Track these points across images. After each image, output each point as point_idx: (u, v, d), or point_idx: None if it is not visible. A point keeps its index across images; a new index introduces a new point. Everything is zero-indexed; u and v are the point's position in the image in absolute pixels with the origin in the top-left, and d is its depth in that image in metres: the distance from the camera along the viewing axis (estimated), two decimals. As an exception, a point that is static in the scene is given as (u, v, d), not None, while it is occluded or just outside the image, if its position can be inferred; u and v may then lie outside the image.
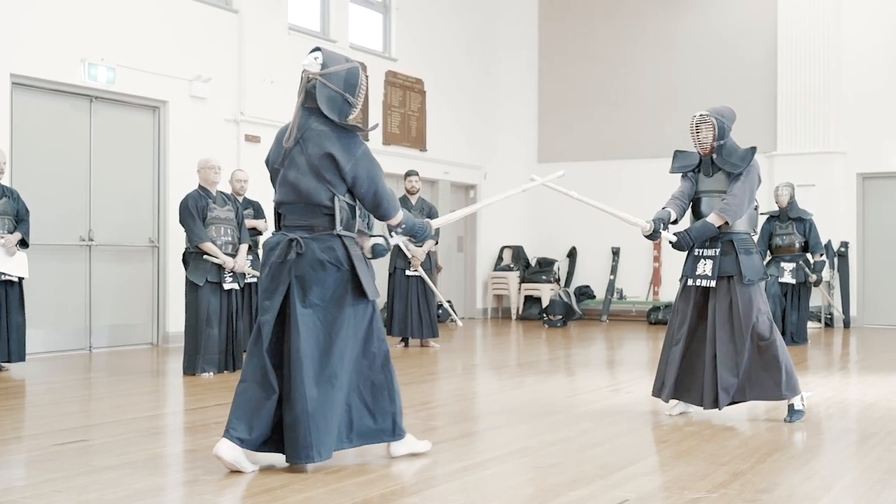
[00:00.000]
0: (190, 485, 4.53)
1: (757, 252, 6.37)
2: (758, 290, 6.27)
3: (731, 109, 6.48)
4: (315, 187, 4.68)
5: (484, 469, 4.90)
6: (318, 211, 4.72)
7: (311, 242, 4.68)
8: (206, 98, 11.64)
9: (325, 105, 4.73)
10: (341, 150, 4.70)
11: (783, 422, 6.18)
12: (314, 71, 4.75)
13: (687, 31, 16.17)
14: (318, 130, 4.72)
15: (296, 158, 4.74)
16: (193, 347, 8.54)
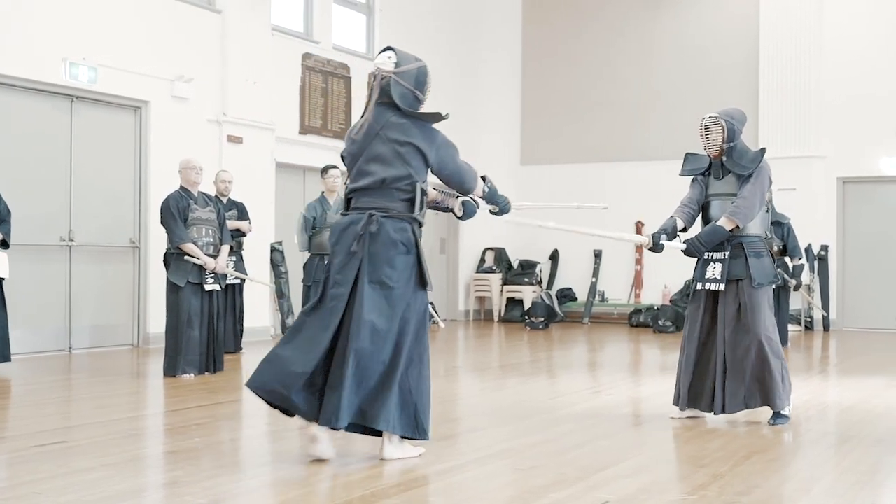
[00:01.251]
0: (170, 486, 4.52)
1: (768, 255, 6.29)
2: (766, 295, 6.20)
3: (741, 111, 6.42)
4: (398, 174, 4.95)
5: (464, 471, 4.90)
6: (395, 195, 4.96)
7: (386, 221, 4.92)
8: (189, 98, 11.60)
9: (399, 100, 5.04)
10: (423, 139, 5.03)
11: (767, 424, 6.20)
12: (388, 69, 5.08)
13: (669, 35, 16.22)
14: (397, 122, 5.02)
15: (377, 148, 5.00)
16: (174, 349, 8.51)
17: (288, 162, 13.19)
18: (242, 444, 5.81)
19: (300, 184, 13.71)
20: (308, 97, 13.62)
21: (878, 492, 4.56)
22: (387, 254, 4.90)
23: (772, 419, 6.21)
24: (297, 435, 5.97)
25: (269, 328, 12.66)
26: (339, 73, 14.12)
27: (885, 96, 14.91)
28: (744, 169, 6.22)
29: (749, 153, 6.27)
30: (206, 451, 5.31)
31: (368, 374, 4.85)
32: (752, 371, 6.12)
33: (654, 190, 16.09)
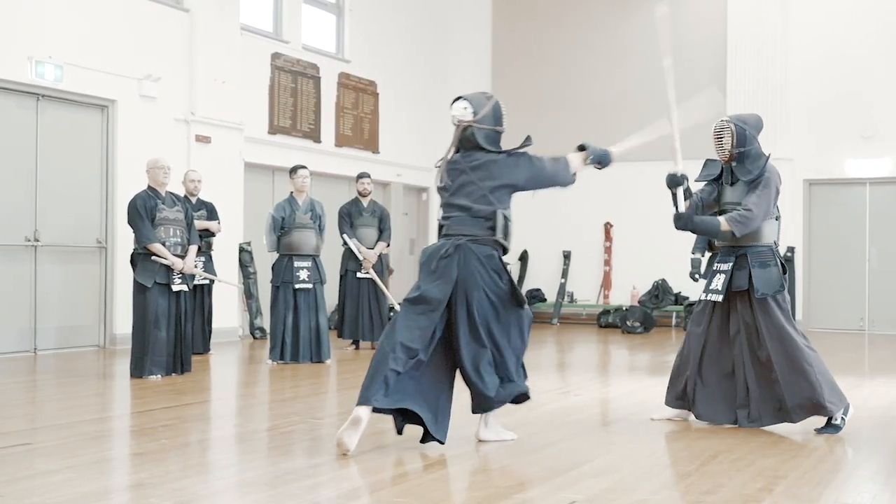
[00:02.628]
0: (136, 488, 4.49)
1: (776, 265, 6.08)
2: (779, 304, 6.03)
3: (756, 117, 6.30)
4: (484, 208, 5.52)
5: (431, 472, 4.91)
6: (481, 223, 5.51)
7: (474, 247, 5.46)
8: (156, 97, 11.53)
9: (485, 143, 5.65)
10: (509, 175, 5.63)
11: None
12: (468, 119, 5.65)
13: (638, 37, 16.30)
14: (484, 162, 5.61)
15: (466, 187, 5.60)
16: (141, 349, 8.46)
17: (257, 162, 13.14)
18: (210, 446, 5.78)
19: (269, 184, 13.66)
20: (277, 97, 13.58)
21: (840, 490, 4.61)
22: (476, 278, 5.41)
23: (819, 427, 6.02)
24: (267, 436, 5.96)
25: (238, 329, 12.61)
26: (308, 74, 14.08)
27: (850, 100, 15.07)
28: (748, 173, 6.07)
29: (760, 160, 6.10)
30: (172, 453, 5.28)
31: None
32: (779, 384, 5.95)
33: (623, 191, 16.20)
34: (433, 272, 5.46)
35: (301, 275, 10.00)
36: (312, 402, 7.44)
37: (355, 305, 11.29)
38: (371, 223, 11.43)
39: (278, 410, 7.07)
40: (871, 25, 15.01)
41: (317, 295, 10.08)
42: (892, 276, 15.08)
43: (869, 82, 14.95)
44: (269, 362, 9.88)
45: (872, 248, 15.26)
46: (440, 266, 5.44)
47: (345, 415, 6.76)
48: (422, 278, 5.53)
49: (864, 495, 4.57)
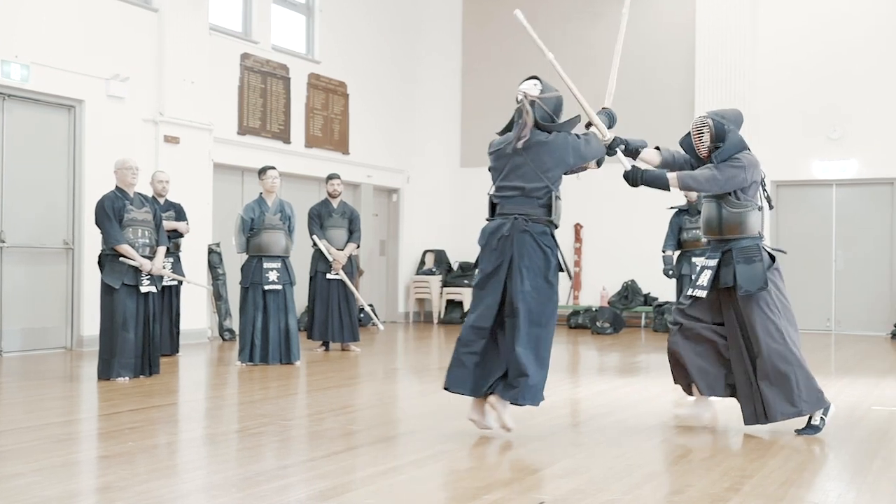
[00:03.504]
0: (103, 491, 4.46)
1: (761, 260, 6.05)
2: (765, 300, 6.02)
3: (735, 111, 6.30)
4: (537, 186, 5.79)
5: (400, 473, 4.91)
6: (535, 202, 5.80)
7: (529, 225, 5.77)
8: (124, 97, 11.45)
9: (540, 120, 5.89)
10: (562, 153, 5.85)
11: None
12: (534, 94, 5.99)
13: (608, 42, 16.36)
14: (536, 142, 5.83)
15: (520, 168, 5.85)
16: (109, 351, 8.39)
17: (226, 163, 13.08)
18: (178, 448, 5.75)
19: (238, 185, 13.60)
20: (246, 98, 13.52)
21: (807, 488, 4.65)
22: (531, 253, 5.74)
23: (799, 429, 6.04)
24: (236, 438, 5.94)
25: (207, 330, 12.54)
26: (278, 74, 14.04)
27: (817, 103, 15.21)
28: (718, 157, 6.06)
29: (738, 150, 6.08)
30: (140, 455, 5.25)
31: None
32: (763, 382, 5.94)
33: (593, 192, 16.24)
34: (493, 251, 5.84)
35: (270, 276, 9.96)
36: (282, 404, 7.42)
37: (325, 307, 11.26)
38: (341, 224, 11.41)
39: (247, 412, 7.04)
40: (839, 30, 15.15)
41: (286, 296, 10.05)
42: (858, 277, 15.24)
43: (836, 85, 15.09)
44: (238, 364, 9.84)
45: (839, 250, 15.41)
46: (499, 245, 5.81)
47: (314, 416, 6.76)
48: (482, 259, 5.93)
49: (829, 494, 4.62)
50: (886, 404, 7.48)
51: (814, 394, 5.99)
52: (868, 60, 14.93)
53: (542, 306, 5.80)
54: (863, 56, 14.97)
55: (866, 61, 14.94)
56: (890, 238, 15.00)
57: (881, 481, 4.80)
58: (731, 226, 6.14)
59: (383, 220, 16.83)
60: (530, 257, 5.75)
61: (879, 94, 14.85)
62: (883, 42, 14.87)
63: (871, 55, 14.92)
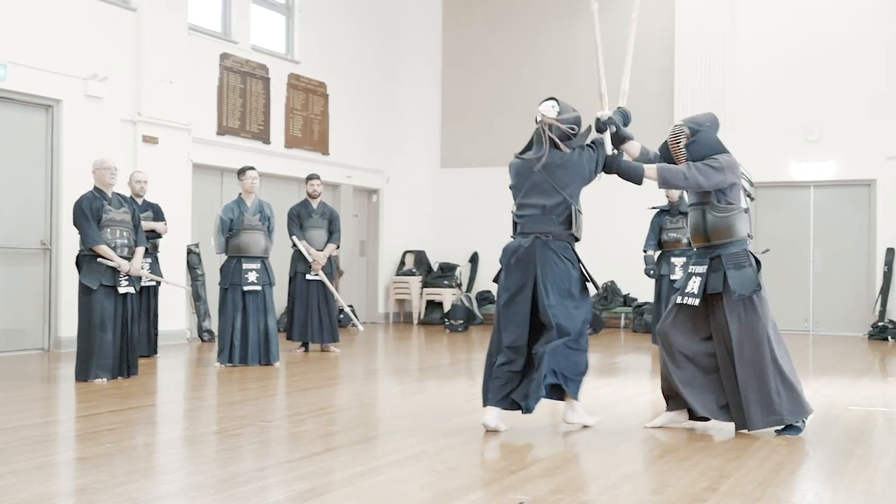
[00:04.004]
0: (80, 493, 4.44)
1: (750, 264, 6.04)
2: (754, 306, 6.02)
3: (709, 115, 6.34)
4: (557, 203, 6.01)
5: (380, 474, 4.90)
6: (555, 219, 6.03)
7: (550, 242, 6.01)
8: (102, 97, 11.38)
9: (559, 140, 6.07)
10: (580, 169, 6.07)
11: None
12: (552, 116, 6.13)
13: (587, 42, 16.42)
14: (554, 161, 6.04)
15: (539, 182, 6.06)
16: (86, 352, 8.35)
17: (205, 163, 13.03)
18: (156, 449, 5.73)
19: (217, 185, 13.56)
20: (226, 98, 13.48)
21: (783, 488, 4.68)
22: (555, 269, 5.99)
23: (779, 429, 6.05)
24: (215, 439, 5.92)
25: (185, 331, 12.49)
26: (257, 74, 14.00)
27: (795, 104, 15.29)
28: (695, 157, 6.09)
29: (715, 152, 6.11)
30: (118, 457, 5.22)
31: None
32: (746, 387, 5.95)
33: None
34: (517, 269, 6.05)
35: (250, 277, 9.94)
36: (261, 405, 7.40)
37: (305, 308, 11.24)
38: (321, 225, 11.39)
39: (226, 413, 7.02)
40: (817, 32, 15.24)
41: (266, 297, 10.02)
42: (835, 277, 15.34)
43: (814, 87, 15.17)
44: (217, 365, 9.81)
45: (816, 251, 15.50)
46: (521, 263, 6.03)
47: (294, 417, 6.75)
48: (506, 277, 6.13)
49: (807, 494, 4.65)
50: (863, 404, 7.53)
51: (796, 403, 5.99)
52: (845, 63, 15.03)
53: (570, 320, 6.00)
54: (840, 58, 15.06)
55: (844, 64, 15.04)
56: (867, 239, 15.11)
57: (857, 481, 4.84)
58: (719, 231, 6.13)
59: (363, 221, 16.81)
60: (553, 272, 5.98)
61: (857, 96, 14.94)
62: (860, 44, 14.97)
63: (848, 57, 15.01)
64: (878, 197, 14.91)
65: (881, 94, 14.79)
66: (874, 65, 14.87)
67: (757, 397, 5.95)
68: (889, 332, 14.14)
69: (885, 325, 14.25)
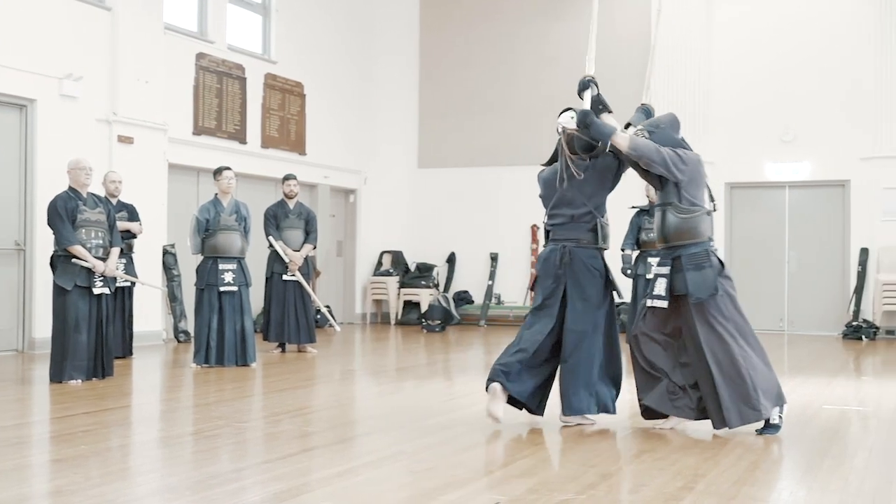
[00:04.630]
0: (55, 495, 4.41)
1: (710, 266, 6.01)
2: (716, 307, 5.99)
3: (671, 116, 6.43)
4: (584, 212, 6.29)
5: (357, 475, 4.90)
6: (583, 227, 6.31)
7: (578, 251, 6.29)
8: (77, 97, 11.31)
9: (580, 151, 6.33)
10: (602, 176, 6.33)
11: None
12: (572, 127, 6.28)
13: (563, 42, 16.47)
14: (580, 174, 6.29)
15: (567, 194, 6.33)
16: (61, 354, 8.29)
17: (181, 163, 12.97)
18: (132, 451, 5.70)
19: (193, 185, 13.50)
20: (202, 98, 13.42)
21: (759, 487, 4.71)
22: (584, 278, 6.26)
23: (759, 429, 6.06)
24: (191, 440, 5.90)
25: (161, 332, 12.43)
26: (234, 74, 13.95)
27: (770, 106, 15.40)
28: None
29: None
30: (93, 459, 5.19)
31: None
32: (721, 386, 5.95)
33: (549, 194, 16.34)
34: (549, 276, 6.34)
35: (226, 277, 9.90)
36: (237, 406, 7.37)
37: (281, 308, 11.21)
38: (297, 225, 11.36)
39: (202, 414, 6.99)
40: (792, 34, 15.35)
41: (242, 298, 9.99)
42: (810, 277, 15.44)
43: (788, 88, 15.28)
44: (193, 366, 9.77)
45: (791, 251, 15.60)
46: (553, 270, 6.31)
47: (270, 418, 6.73)
48: (540, 284, 6.43)
49: (782, 493, 4.68)
50: (837, 403, 7.59)
51: (770, 396, 6.02)
52: (820, 65, 15.14)
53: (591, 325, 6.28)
54: (816, 61, 15.17)
55: (819, 66, 15.15)
56: (842, 239, 15.22)
57: (832, 479, 4.87)
58: (680, 232, 6.13)
59: (340, 221, 16.78)
60: (580, 281, 6.25)
61: (831, 98, 15.06)
62: (835, 48, 15.08)
63: (823, 60, 15.13)
64: (852, 197, 15.03)
65: (855, 97, 14.92)
66: (848, 68, 14.99)
67: (732, 395, 5.96)
68: (863, 331, 14.25)
69: (859, 325, 14.37)
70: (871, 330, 14.27)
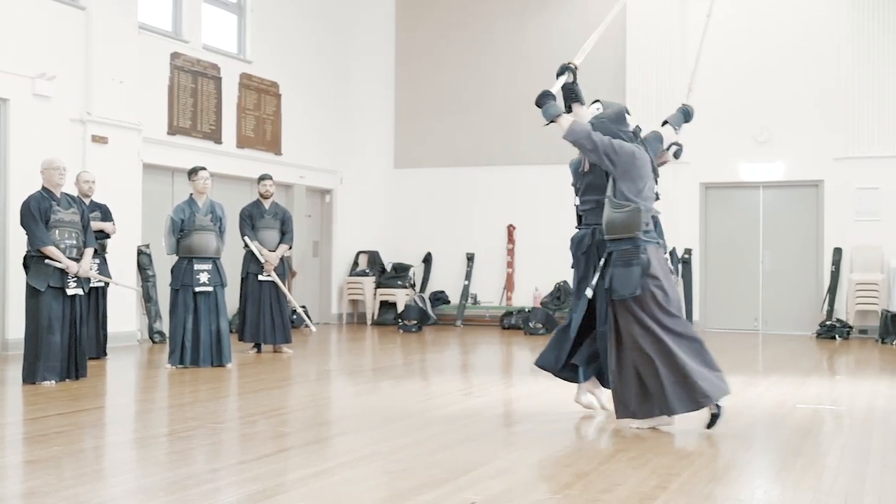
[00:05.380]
0: (28, 497, 4.37)
1: (637, 264, 6.02)
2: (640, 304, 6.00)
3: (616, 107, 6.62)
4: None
5: (333, 475, 4.89)
6: None
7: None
8: (51, 97, 11.22)
9: None
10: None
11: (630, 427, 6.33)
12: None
13: (539, 42, 16.50)
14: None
15: (592, 180, 6.68)
16: (34, 354, 8.23)
17: (156, 163, 12.89)
18: (105, 452, 5.66)
19: (168, 185, 13.43)
20: (177, 97, 13.35)
21: (733, 486, 4.74)
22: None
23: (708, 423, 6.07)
24: (165, 441, 5.87)
25: (136, 333, 12.36)
26: (209, 74, 13.89)
27: (744, 107, 15.49)
28: None
29: None
30: (66, 460, 5.16)
31: None
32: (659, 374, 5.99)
33: (524, 193, 16.37)
34: (581, 257, 6.70)
35: (201, 277, 9.86)
36: (213, 407, 7.35)
37: (257, 308, 11.18)
38: (273, 225, 11.33)
39: (177, 415, 6.96)
40: (766, 36, 15.44)
41: (217, 298, 9.95)
42: (784, 277, 15.54)
43: (762, 89, 15.37)
44: (168, 366, 9.72)
45: (766, 250, 15.70)
46: (585, 252, 6.67)
47: (246, 418, 6.71)
48: (575, 265, 6.79)
49: (756, 491, 4.71)
50: (811, 402, 7.64)
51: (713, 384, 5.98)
52: (794, 66, 15.24)
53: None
54: (790, 62, 15.27)
55: (793, 67, 15.25)
56: (815, 239, 15.33)
57: (805, 478, 4.91)
58: (614, 226, 6.17)
59: (316, 221, 16.75)
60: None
61: (805, 99, 15.16)
62: (809, 49, 15.19)
63: (797, 61, 15.23)
64: (825, 197, 15.14)
65: (828, 98, 15.03)
66: (822, 69, 15.10)
67: (672, 385, 5.93)
68: (836, 330, 14.36)
69: (832, 324, 14.47)
70: (845, 329, 14.37)
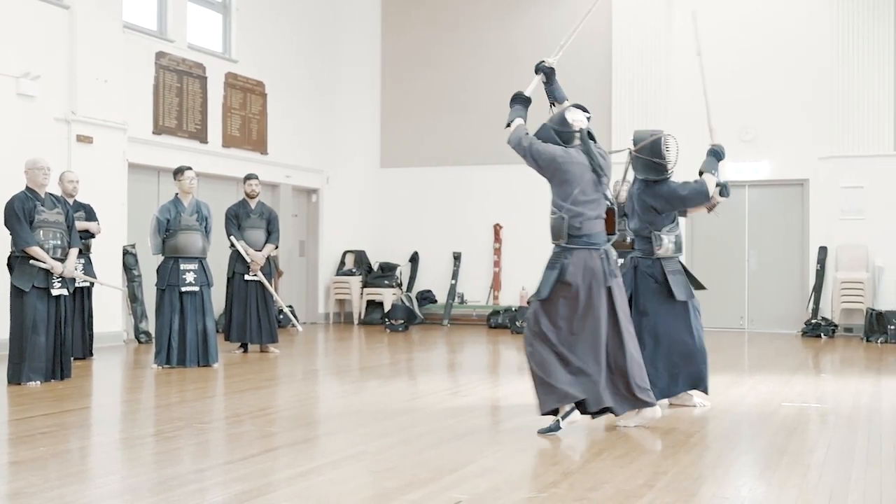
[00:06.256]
0: (13, 498, 4.35)
1: (558, 267, 6.10)
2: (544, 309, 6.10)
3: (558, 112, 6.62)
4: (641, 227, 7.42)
5: (319, 474, 4.89)
6: (643, 241, 7.34)
7: (642, 261, 7.27)
8: (35, 96, 11.17)
9: (640, 172, 7.55)
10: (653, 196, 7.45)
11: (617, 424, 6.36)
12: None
13: (525, 42, 16.51)
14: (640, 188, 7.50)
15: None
16: (18, 355, 8.19)
17: (141, 163, 12.85)
18: (91, 452, 5.65)
19: (154, 185, 13.38)
20: (162, 97, 13.31)
21: (719, 484, 4.76)
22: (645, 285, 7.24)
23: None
24: (151, 441, 5.85)
25: (122, 333, 12.32)
26: (194, 73, 13.85)
27: (729, 106, 15.48)
28: None
29: None
30: (52, 461, 5.14)
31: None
32: None
33: (511, 193, 16.37)
34: None
35: (187, 277, 9.84)
36: (199, 407, 7.33)
37: (243, 308, 11.16)
38: (259, 225, 11.31)
39: (163, 415, 6.94)
40: (751, 34, 15.49)
41: (203, 298, 9.92)
42: (770, 276, 15.60)
43: (748, 88, 15.41)
44: (154, 367, 9.69)
45: (751, 249, 15.76)
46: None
47: (232, 418, 6.69)
48: None
49: (741, 489, 4.73)
50: (796, 400, 7.68)
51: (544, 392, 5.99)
52: (780, 66, 15.30)
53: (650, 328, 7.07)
54: (775, 62, 15.32)
55: (778, 67, 15.30)
56: (801, 238, 15.39)
57: (790, 476, 4.93)
58: (551, 231, 6.29)
59: (302, 221, 16.72)
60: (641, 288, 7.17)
61: (790, 98, 15.22)
62: (794, 48, 15.24)
63: (782, 61, 15.28)
64: (810, 196, 15.20)
65: (813, 97, 15.08)
66: (807, 68, 15.15)
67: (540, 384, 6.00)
68: (822, 329, 14.41)
69: (818, 323, 14.52)
70: (830, 328, 14.43)
